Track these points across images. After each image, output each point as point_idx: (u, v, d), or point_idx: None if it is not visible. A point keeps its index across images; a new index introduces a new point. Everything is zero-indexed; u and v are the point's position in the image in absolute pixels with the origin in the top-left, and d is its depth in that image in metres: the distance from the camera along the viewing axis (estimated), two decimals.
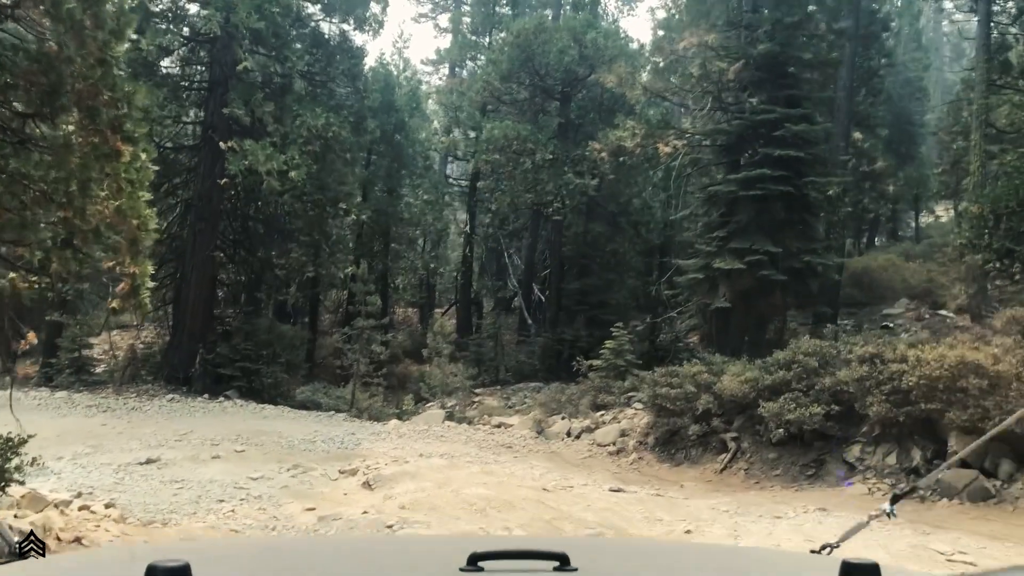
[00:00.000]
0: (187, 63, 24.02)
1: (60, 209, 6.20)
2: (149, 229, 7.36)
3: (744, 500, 11.87)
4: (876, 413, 11.88)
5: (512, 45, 26.58)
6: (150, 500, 11.10)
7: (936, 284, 29.64)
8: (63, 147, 6.42)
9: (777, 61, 19.34)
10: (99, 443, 14.71)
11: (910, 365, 11.64)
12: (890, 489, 11.52)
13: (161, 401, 20.08)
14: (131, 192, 6.32)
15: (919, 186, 38.24)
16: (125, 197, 6.23)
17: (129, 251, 7.02)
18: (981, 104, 23.42)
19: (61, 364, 22.01)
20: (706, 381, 14.67)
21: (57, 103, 6.51)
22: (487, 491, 11.56)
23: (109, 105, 6.68)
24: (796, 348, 13.75)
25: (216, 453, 14.14)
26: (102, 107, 6.60)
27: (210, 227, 22.06)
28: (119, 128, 6.72)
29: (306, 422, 18.29)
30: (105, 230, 6.45)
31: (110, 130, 6.67)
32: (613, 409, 17.57)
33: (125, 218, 6.76)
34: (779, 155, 18.24)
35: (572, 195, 25.92)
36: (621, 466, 14.98)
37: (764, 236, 18.53)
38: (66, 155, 6.39)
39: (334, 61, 22.96)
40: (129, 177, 6.65)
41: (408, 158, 30.26)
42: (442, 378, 22.17)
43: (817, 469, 12.76)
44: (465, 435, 17.31)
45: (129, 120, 6.83)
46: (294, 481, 12.51)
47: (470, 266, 35.20)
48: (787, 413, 12.70)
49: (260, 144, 19.60)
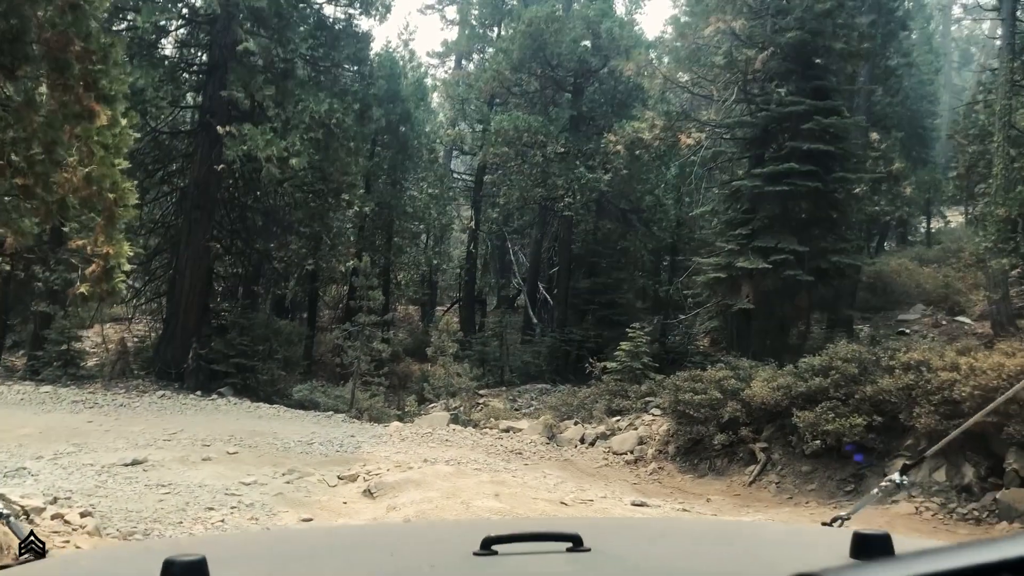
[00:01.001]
0: (185, 45, 23.03)
1: (18, 176, 5.21)
2: (128, 205, 6.40)
3: (778, 518, 10.93)
4: (924, 425, 10.92)
5: (523, 34, 25.60)
6: (133, 507, 10.20)
7: (953, 290, 28.99)
8: (24, 103, 5.44)
9: (806, 50, 18.36)
10: (83, 441, 13.82)
11: (962, 374, 10.69)
12: (939, 509, 10.59)
13: (151, 397, 19.15)
14: (104, 158, 5.34)
15: (931, 190, 37.79)
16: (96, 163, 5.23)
17: (104, 229, 6.06)
18: (1004, 105, 22.73)
19: (48, 357, 21.02)
20: (733, 387, 13.70)
21: (20, 52, 5.54)
22: (500, 504, 10.63)
23: (82, 58, 5.70)
24: (833, 353, 12.77)
25: (207, 455, 13.25)
26: (73, 59, 5.63)
27: (206, 216, 21.07)
28: (93, 84, 5.75)
29: (303, 422, 17.42)
30: (74, 202, 5.46)
31: (82, 86, 5.69)
32: (629, 415, 16.58)
33: (98, 189, 5.79)
34: (808, 149, 17.26)
35: (583, 190, 24.97)
36: (640, 476, 14.03)
37: (789, 234, 17.58)
38: (28, 113, 5.42)
39: (338, 45, 21.93)
40: (103, 141, 5.69)
41: (413, 150, 29.25)
42: (446, 378, 21.18)
43: (856, 484, 11.79)
44: (472, 439, 16.35)
45: (105, 76, 5.86)
46: (289, 487, 11.61)
47: (474, 263, 34.34)
48: (825, 423, 11.74)
49: (260, 129, 18.63)
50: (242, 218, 23.94)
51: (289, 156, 18.68)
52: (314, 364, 26.37)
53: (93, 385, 20.37)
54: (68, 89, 5.60)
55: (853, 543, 1.51)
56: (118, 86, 5.88)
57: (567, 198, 25.31)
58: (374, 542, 2.04)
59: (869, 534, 1.51)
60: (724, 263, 18.32)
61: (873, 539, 1.50)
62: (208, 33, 21.74)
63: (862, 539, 1.51)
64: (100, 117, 5.83)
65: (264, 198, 23.72)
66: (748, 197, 18.94)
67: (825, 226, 18.44)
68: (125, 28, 20.17)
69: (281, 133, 19.05)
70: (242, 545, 2.17)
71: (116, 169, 5.63)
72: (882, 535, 1.51)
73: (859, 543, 1.50)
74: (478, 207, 33.70)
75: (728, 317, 19.08)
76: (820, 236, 18.01)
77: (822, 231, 18.24)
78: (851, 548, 1.51)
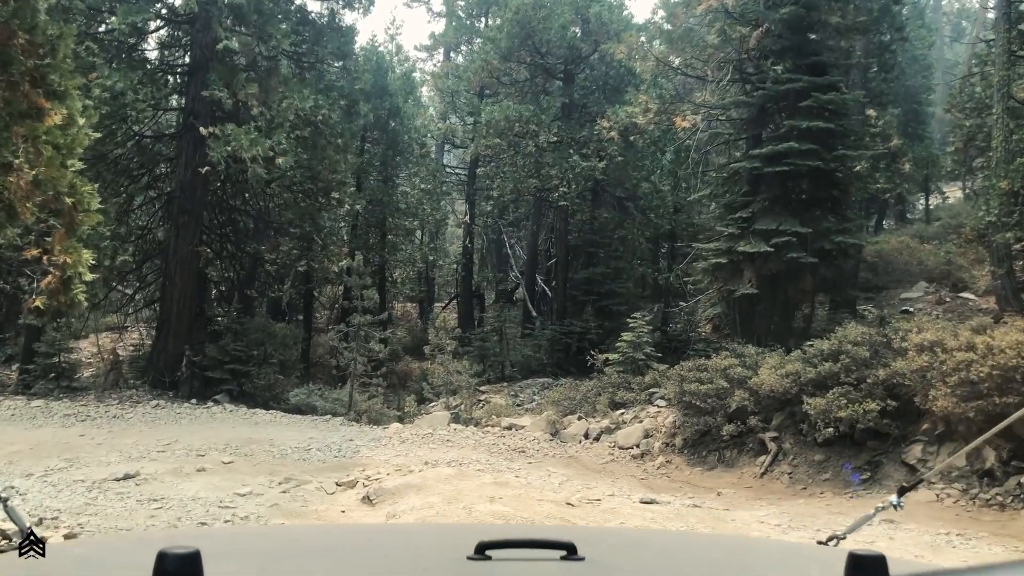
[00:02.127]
0: (166, 46, 22.51)
1: None
2: (90, 210, 5.94)
3: (794, 511, 10.48)
4: (941, 408, 10.48)
5: (511, 22, 25.07)
6: (123, 524, 9.81)
7: (955, 266, 28.72)
8: None
9: (801, 25, 17.85)
10: (75, 456, 13.40)
11: (979, 354, 10.25)
12: (961, 495, 10.16)
13: (145, 408, 18.70)
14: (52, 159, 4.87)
15: (929, 166, 37.53)
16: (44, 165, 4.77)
17: (62, 236, 5.60)
18: (1003, 75, 22.37)
19: (40, 370, 20.57)
20: (740, 375, 13.25)
21: None
22: (503, 507, 10.20)
23: (27, 51, 5.24)
24: (842, 336, 12.31)
25: (201, 465, 12.83)
26: (17, 53, 5.17)
27: (193, 220, 20.56)
28: (40, 80, 5.29)
29: (300, 428, 16.99)
30: (22, 207, 5.00)
31: (28, 82, 5.23)
32: (634, 407, 16.12)
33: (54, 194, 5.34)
34: (807, 127, 16.75)
35: (578, 179, 24.48)
36: (647, 471, 13.57)
37: (791, 215, 17.10)
38: None
39: (322, 40, 21.40)
40: (53, 141, 5.22)
41: (404, 145, 28.74)
42: (445, 376, 20.71)
43: (873, 472, 11.34)
44: (473, 439, 15.90)
45: (54, 71, 5.40)
46: (285, 497, 11.20)
47: (471, 257, 33.89)
48: (837, 410, 11.29)
49: (244, 129, 18.13)
50: (231, 221, 23.46)
51: (275, 155, 18.20)
52: (311, 367, 25.93)
53: (86, 397, 19.93)
54: (13, 86, 5.13)
55: (848, 564, 1.48)
56: (70, 81, 5.41)
57: (562, 188, 24.83)
58: (368, 543, 2.05)
59: (864, 555, 1.49)
60: (725, 248, 17.86)
61: (868, 561, 1.47)
62: (187, 33, 21.23)
63: (857, 561, 1.48)
64: (50, 115, 5.37)
65: (253, 200, 23.24)
66: (747, 179, 18.47)
67: (827, 206, 17.96)
68: (103, 31, 19.72)
69: (266, 132, 18.56)
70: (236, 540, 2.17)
71: (69, 171, 5.17)
72: (877, 556, 1.47)
73: (854, 564, 1.48)
74: (472, 201, 33.23)
75: (730, 303, 18.61)
76: (822, 216, 17.53)
77: (823, 211, 17.76)
78: (846, 569, 1.48)
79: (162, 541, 1.39)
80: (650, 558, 1.91)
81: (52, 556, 1.82)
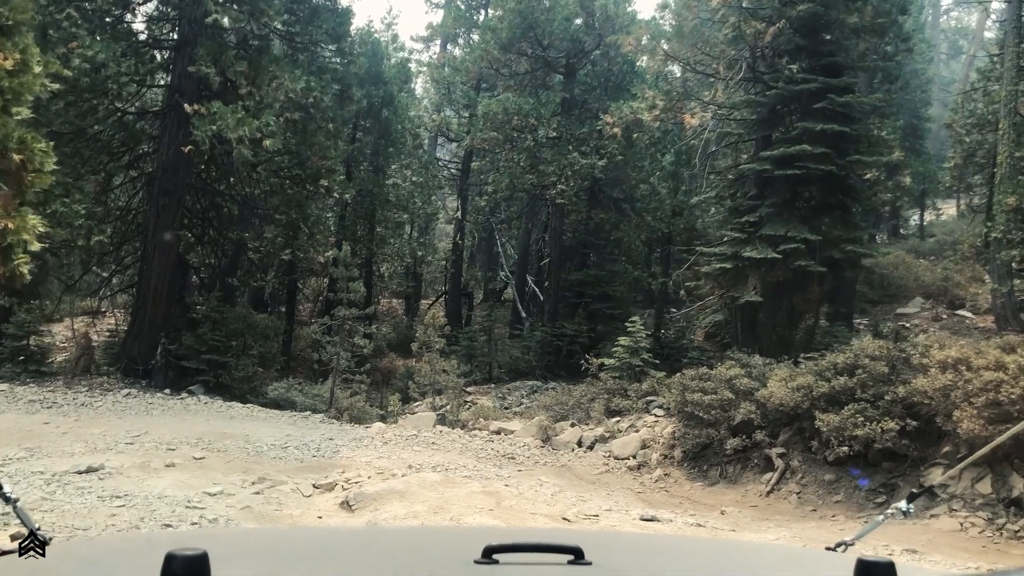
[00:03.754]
0: (153, 20, 21.57)
1: None
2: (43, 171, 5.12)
3: (804, 534, 9.76)
4: (966, 431, 9.78)
5: (513, 12, 24.27)
6: (80, 523, 8.97)
7: (952, 283, 28.44)
8: None
9: (818, 24, 17.16)
10: (37, 445, 12.55)
11: (1010, 374, 9.56)
12: (987, 525, 9.47)
13: (116, 396, 17.81)
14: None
15: (926, 181, 37.36)
16: None
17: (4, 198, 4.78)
18: (1010, 91, 22.03)
19: (6, 353, 19.63)
20: (746, 387, 12.52)
21: None
22: (493, 520, 9.45)
23: None
24: (859, 350, 11.61)
25: (171, 460, 11.99)
26: None
27: (175, 202, 19.66)
28: None
29: (278, 424, 16.17)
30: None
31: None
32: (630, 415, 15.34)
33: None
34: (820, 129, 16.07)
35: (576, 176, 23.72)
36: (645, 484, 12.81)
37: (800, 221, 16.43)
38: None
39: (316, 20, 20.53)
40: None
41: (397, 135, 27.84)
42: (431, 375, 19.89)
43: (888, 495, 10.63)
44: (460, 442, 15.10)
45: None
46: (258, 499, 10.37)
47: (460, 254, 33.06)
48: (853, 428, 10.58)
49: (231, 108, 17.27)
50: (215, 206, 22.56)
51: (263, 137, 17.31)
52: (292, 360, 25.06)
53: (54, 383, 19.01)
54: None
55: (857, 570, 1.44)
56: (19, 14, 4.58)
57: (559, 185, 24.05)
58: (375, 545, 2.06)
59: (873, 562, 1.45)
60: (729, 252, 17.16)
61: (878, 567, 1.44)
62: (177, 7, 20.33)
63: (866, 567, 1.44)
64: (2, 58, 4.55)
65: (238, 185, 22.34)
66: (755, 182, 17.78)
67: (836, 213, 17.29)
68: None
69: (254, 113, 17.70)
70: (243, 542, 2.15)
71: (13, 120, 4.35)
72: (886, 564, 1.45)
73: (864, 571, 1.44)
74: (464, 196, 32.47)
75: (733, 310, 17.89)
76: (831, 224, 16.86)
77: (833, 218, 17.09)
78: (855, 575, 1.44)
79: (168, 543, 1.39)
80: (657, 563, 1.90)
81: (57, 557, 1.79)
